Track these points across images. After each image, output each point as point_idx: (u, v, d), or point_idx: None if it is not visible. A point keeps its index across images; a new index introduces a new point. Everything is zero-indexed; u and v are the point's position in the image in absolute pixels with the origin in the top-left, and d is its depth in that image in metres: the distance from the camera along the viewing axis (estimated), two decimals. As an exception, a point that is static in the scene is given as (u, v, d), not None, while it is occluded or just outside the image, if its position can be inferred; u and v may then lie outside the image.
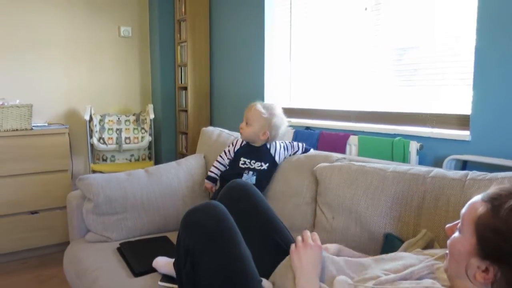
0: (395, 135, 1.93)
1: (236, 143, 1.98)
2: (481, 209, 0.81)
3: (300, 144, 1.93)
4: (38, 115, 3.17)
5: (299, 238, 1.13)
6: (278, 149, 1.88)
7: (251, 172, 1.84)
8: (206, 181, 2.04)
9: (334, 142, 2.10)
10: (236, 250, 1.04)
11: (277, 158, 1.87)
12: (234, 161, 1.92)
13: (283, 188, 1.78)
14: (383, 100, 2.20)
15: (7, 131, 2.66)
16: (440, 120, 1.83)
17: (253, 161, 1.85)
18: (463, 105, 1.78)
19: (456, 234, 0.86)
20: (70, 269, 1.81)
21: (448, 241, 0.87)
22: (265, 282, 1.06)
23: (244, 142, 1.95)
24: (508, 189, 0.80)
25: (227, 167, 1.98)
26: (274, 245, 1.20)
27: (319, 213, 1.58)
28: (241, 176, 1.83)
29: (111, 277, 1.53)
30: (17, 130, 2.70)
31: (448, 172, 1.33)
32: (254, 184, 1.78)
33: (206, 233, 1.04)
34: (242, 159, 1.88)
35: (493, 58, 1.58)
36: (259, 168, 1.84)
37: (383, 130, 2.03)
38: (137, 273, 1.54)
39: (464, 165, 1.66)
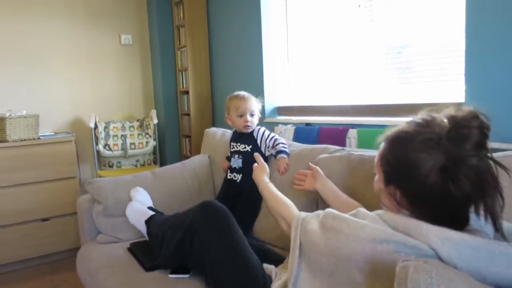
0: (392, 127, 1.97)
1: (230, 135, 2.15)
2: (381, 148, 1.00)
3: (276, 138, 1.96)
4: (44, 124, 3.24)
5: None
6: (261, 134, 1.97)
7: (237, 155, 1.99)
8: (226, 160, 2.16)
9: (334, 136, 2.16)
10: (241, 236, 1.24)
11: (258, 141, 1.96)
12: (229, 147, 2.10)
13: (283, 180, 1.84)
14: (380, 93, 2.25)
15: (15, 141, 2.73)
16: (435, 109, 1.88)
17: (239, 144, 1.99)
18: (457, 94, 1.83)
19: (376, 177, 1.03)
20: (83, 270, 1.87)
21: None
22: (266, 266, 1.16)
23: (233, 130, 2.10)
24: (401, 128, 0.97)
25: None
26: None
27: (321, 202, 1.63)
28: (230, 160, 2.03)
29: (123, 273, 1.59)
30: (25, 140, 2.78)
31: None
32: (241, 167, 1.94)
33: (218, 220, 1.33)
34: (232, 144, 2.05)
35: (483, 48, 1.63)
36: (243, 150, 1.97)
37: (380, 122, 2.09)
38: (148, 268, 1.60)
39: (460, 151, 1.71)
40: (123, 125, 3.38)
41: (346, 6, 2.41)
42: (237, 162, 1.98)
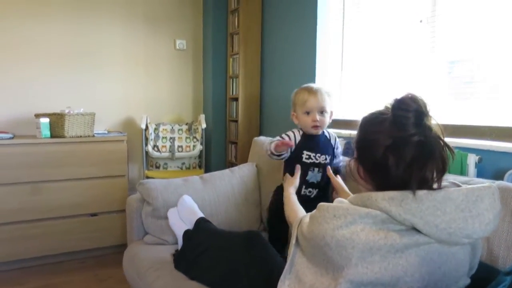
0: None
1: (295, 135, 1.75)
2: None
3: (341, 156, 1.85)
4: (98, 123, 3.36)
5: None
6: (336, 140, 1.75)
7: (316, 169, 1.69)
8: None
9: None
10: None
11: (335, 150, 1.76)
12: (296, 155, 1.71)
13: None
14: (439, 112, 2.17)
15: (72, 137, 2.84)
16: (500, 132, 1.79)
17: (318, 155, 1.70)
18: (526, 118, 1.73)
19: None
20: (130, 269, 1.91)
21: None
22: None
23: (301, 132, 1.74)
24: (370, 112, 1.06)
25: (289, 156, 1.75)
26: None
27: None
28: (306, 174, 1.69)
29: (171, 278, 1.61)
30: (81, 136, 2.89)
31: (511, 184, 1.31)
32: (319, 181, 1.68)
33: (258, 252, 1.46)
34: (305, 152, 1.70)
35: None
36: (324, 162, 1.70)
37: (438, 142, 2.00)
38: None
39: (527, 179, 1.61)
40: (172, 127, 3.45)
41: (406, 20, 2.34)
42: (316, 176, 1.69)
